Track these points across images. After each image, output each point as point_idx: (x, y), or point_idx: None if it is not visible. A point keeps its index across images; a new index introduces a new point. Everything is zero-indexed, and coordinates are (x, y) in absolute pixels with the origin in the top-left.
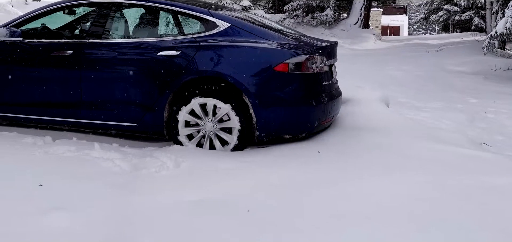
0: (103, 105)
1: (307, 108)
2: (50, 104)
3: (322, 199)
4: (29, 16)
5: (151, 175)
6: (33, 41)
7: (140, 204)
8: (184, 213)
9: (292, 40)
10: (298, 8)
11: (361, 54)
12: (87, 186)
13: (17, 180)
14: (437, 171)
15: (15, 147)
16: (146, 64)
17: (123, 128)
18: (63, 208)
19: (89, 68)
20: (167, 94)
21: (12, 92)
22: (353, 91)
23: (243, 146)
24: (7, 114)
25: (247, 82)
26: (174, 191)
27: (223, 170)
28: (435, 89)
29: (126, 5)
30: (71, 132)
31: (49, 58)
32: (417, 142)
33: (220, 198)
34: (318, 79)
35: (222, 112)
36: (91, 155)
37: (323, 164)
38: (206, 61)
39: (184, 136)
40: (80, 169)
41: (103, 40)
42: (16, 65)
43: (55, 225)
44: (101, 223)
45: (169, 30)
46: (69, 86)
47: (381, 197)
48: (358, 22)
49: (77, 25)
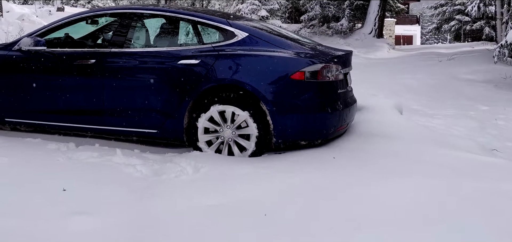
0: (125, 113)
1: (323, 116)
2: (73, 112)
3: (338, 203)
4: (53, 26)
5: (171, 180)
6: (57, 50)
7: (160, 208)
8: (203, 217)
9: (308, 49)
10: (314, 18)
11: (375, 63)
12: (109, 191)
13: (41, 185)
14: (449, 176)
15: (39, 153)
16: (166, 72)
17: (144, 134)
18: (86, 212)
19: (111, 77)
20: (187, 101)
21: (36, 100)
22: (367, 99)
23: (261, 152)
24: (31, 121)
25: (264, 90)
26: (193, 195)
27: (241, 175)
28: (447, 97)
29: (147, 15)
30: (94, 138)
31: (73, 66)
32: (429, 148)
33: (238, 203)
34: (334, 87)
35: (240, 119)
36: (113, 160)
37: (339, 169)
38: (225, 69)
39: (203, 142)
40: (102, 174)
41: (125, 49)
42: (40, 74)
43: (78, 229)
44: (123, 227)
45: (189, 39)
46: (92, 94)
47: (395, 201)
48: (372, 32)
49: (100, 34)
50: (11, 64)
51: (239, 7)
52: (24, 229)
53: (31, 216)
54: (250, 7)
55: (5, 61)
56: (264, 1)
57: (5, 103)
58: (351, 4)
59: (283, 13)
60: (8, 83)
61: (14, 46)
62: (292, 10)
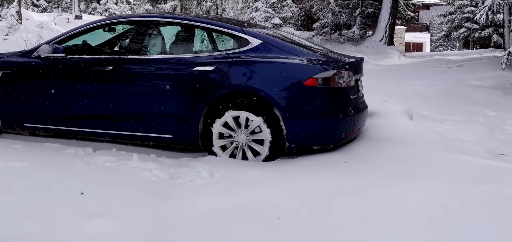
0: (141, 118)
1: (335, 121)
2: (91, 117)
3: (349, 207)
4: (71, 33)
5: (186, 184)
6: (75, 57)
7: (176, 212)
8: (218, 220)
9: (321, 56)
10: (326, 26)
11: (386, 70)
12: (126, 194)
13: (60, 188)
14: (458, 180)
15: (58, 157)
16: (182, 79)
17: (160, 139)
18: (103, 215)
19: (128, 83)
20: (202, 107)
21: (55, 105)
22: (378, 104)
23: (274, 157)
24: (50, 127)
25: (278, 96)
26: (208, 199)
27: (255, 179)
28: (456, 103)
29: (163, 23)
30: (111, 143)
31: (90, 73)
32: (439, 152)
33: (252, 206)
34: (345, 93)
35: (254, 124)
36: (130, 165)
37: (350, 173)
38: (239, 76)
39: (218, 147)
40: (119, 178)
41: (141, 56)
42: (58, 80)
43: (95, 231)
44: (139, 229)
45: (203, 46)
46: (109, 100)
47: (405, 204)
48: (383, 39)
49: (117, 42)
50: (30, 71)
51: (253, 15)
52: (42, 231)
53: (49, 218)
54: (263, 15)
55: (24, 68)
56: (277, 9)
57: (24, 109)
58: (362, 12)
59: (295, 21)
60: (27, 90)
61: (33, 53)
62: (305, 18)
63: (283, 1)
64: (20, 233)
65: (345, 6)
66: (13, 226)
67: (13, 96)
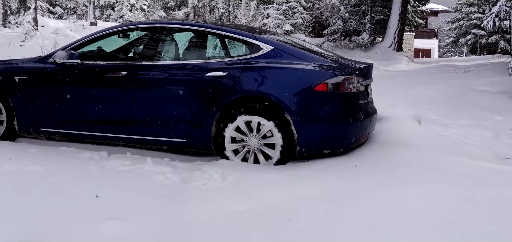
0: (155, 123)
1: (345, 125)
2: (105, 122)
3: (359, 209)
4: (86, 39)
5: (199, 187)
6: (90, 63)
7: (189, 215)
8: (230, 223)
9: (331, 62)
10: (336, 32)
11: (395, 75)
12: (140, 198)
13: (75, 192)
14: (465, 183)
15: (73, 161)
16: (195, 84)
17: (174, 143)
18: (118, 218)
19: (142, 88)
20: (215, 112)
21: (70, 110)
22: (387, 109)
23: (285, 160)
24: (65, 131)
25: (289, 101)
26: (221, 202)
27: (267, 183)
28: (463, 107)
29: (177, 29)
30: (125, 147)
31: (105, 78)
32: (446, 156)
33: (263, 209)
34: (355, 99)
35: (266, 129)
36: (144, 168)
37: (360, 177)
38: (251, 81)
39: (230, 151)
40: (133, 182)
41: (155, 62)
42: (74, 85)
43: (110, 234)
44: (153, 232)
45: (216, 52)
46: (124, 105)
47: (413, 207)
48: (392, 45)
49: (131, 48)
50: (46, 76)
51: (265, 21)
52: (58, 233)
53: (65, 221)
54: (275, 22)
55: (41, 73)
56: (288, 16)
57: (40, 114)
58: (371, 19)
59: (306, 27)
60: (43, 95)
61: (49, 59)
62: (315, 24)
63: (294, 8)
64: (36, 235)
65: (355, 13)
66: (29, 229)
67: (29, 101)
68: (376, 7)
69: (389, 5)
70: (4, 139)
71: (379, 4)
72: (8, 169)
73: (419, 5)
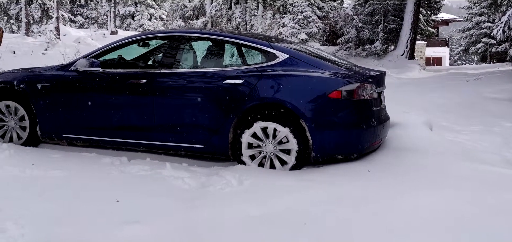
0: (174, 129)
1: (358, 132)
2: (125, 128)
3: (372, 213)
4: (107, 48)
5: (217, 191)
6: (111, 71)
7: (207, 218)
8: (247, 226)
9: (345, 69)
10: (350, 41)
11: (407, 83)
12: (159, 202)
13: (96, 196)
14: (475, 188)
15: (94, 166)
16: (212, 91)
17: (192, 149)
18: (137, 221)
19: (161, 95)
20: (232, 118)
21: (91, 117)
22: (400, 116)
23: (301, 166)
24: (87, 137)
25: (304, 108)
26: (237, 206)
27: (283, 187)
28: (473, 114)
29: (195, 38)
30: (145, 152)
31: (125, 86)
32: (457, 161)
33: (279, 213)
34: (368, 105)
35: (282, 135)
36: (163, 173)
37: (373, 181)
38: (267, 89)
39: (247, 156)
40: (153, 186)
41: (174, 70)
42: (95, 93)
43: (130, 237)
44: (171, 235)
45: (233, 60)
46: (143, 112)
47: (425, 211)
48: (404, 53)
49: (150, 56)
50: (68, 84)
51: (280, 30)
52: (79, 236)
53: (86, 224)
54: (290, 31)
55: (63, 81)
56: (303, 25)
57: (62, 120)
58: (384, 28)
59: (321, 36)
60: (65, 102)
61: (71, 67)
62: (330, 33)
63: (309, 17)
64: (58, 239)
65: (368, 22)
66: (51, 232)
67: (51, 108)
68: (389, 16)
69: (401, 15)
70: (27, 145)
71: (391, 13)
72: (31, 174)
73: (431, 15)
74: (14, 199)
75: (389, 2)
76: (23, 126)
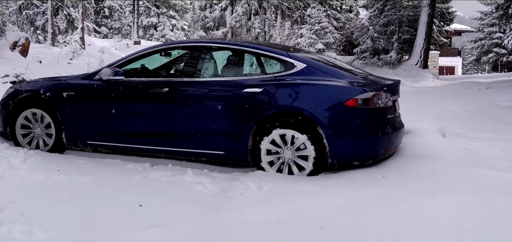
0: (195, 136)
1: (374, 139)
2: (148, 135)
3: (387, 217)
4: (130, 57)
5: (237, 196)
6: (134, 80)
7: (227, 222)
8: (266, 230)
9: (361, 78)
10: (365, 51)
11: (421, 91)
12: (181, 206)
13: (120, 201)
14: (487, 193)
15: (118, 172)
16: (232, 100)
17: (213, 155)
18: (160, 225)
19: (183, 103)
20: (251, 126)
21: (115, 124)
22: (414, 123)
23: (318, 171)
24: (111, 144)
25: (321, 116)
26: (257, 210)
27: (300, 192)
28: (485, 121)
29: (215, 48)
30: (167, 159)
31: (148, 94)
32: (469, 168)
33: (297, 217)
34: (383, 113)
35: (299, 142)
36: (184, 179)
37: (388, 187)
38: (285, 97)
39: (266, 162)
40: (175, 192)
41: (195, 78)
42: (118, 101)
43: (152, 240)
44: (192, 239)
45: (252, 70)
46: (165, 119)
47: (438, 215)
48: (418, 63)
49: (172, 65)
50: (93, 92)
51: (298, 40)
52: (103, 239)
53: (109, 228)
54: (308, 41)
55: (87, 89)
56: (320, 36)
57: (87, 127)
58: (399, 38)
59: (337, 46)
60: (89, 110)
61: (95, 76)
62: (346, 43)
63: (326, 28)
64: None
65: (383, 33)
66: (76, 236)
67: (77, 115)
68: (403, 27)
69: (415, 26)
70: (53, 151)
71: (406, 24)
72: (57, 179)
73: (444, 26)
74: (40, 204)
75: (403, 13)
76: (49, 133)
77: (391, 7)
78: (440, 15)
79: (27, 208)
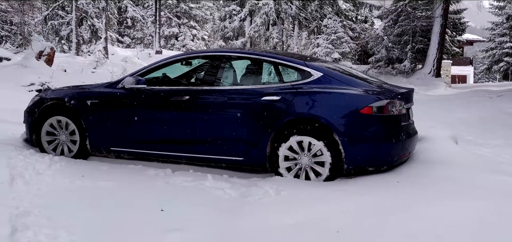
0: (215, 143)
1: (388, 145)
2: (170, 141)
3: (401, 221)
4: (152, 66)
5: (255, 201)
6: (156, 88)
7: (246, 226)
8: (284, 234)
9: (375, 87)
10: (380, 60)
11: (434, 99)
12: (201, 211)
13: (142, 205)
14: (498, 198)
15: (140, 177)
16: (251, 107)
17: (232, 161)
18: (181, 229)
19: (203, 111)
20: (269, 133)
21: (137, 131)
22: (427, 130)
23: (334, 177)
24: (133, 150)
25: (337, 123)
26: (275, 215)
27: (317, 197)
28: (496, 128)
29: (235, 57)
30: (187, 165)
31: (169, 102)
32: (481, 173)
33: (314, 221)
34: (398, 121)
35: (316, 148)
36: (205, 184)
37: (402, 192)
38: (302, 105)
39: (283, 168)
40: (195, 197)
41: (215, 87)
42: (141, 108)
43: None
44: (212, 241)
45: (270, 78)
46: (186, 126)
47: (450, 219)
48: (431, 72)
49: (193, 74)
50: (116, 100)
51: (315, 50)
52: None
53: (132, 232)
54: (324, 50)
55: (110, 97)
56: (336, 45)
57: (110, 134)
58: (412, 48)
59: (353, 55)
60: (112, 117)
61: (118, 84)
62: (361, 53)
63: (342, 38)
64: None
65: (397, 42)
66: (100, 238)
67: (100, 123)
68: (416, 37)
69: (428, 35)
70: (77, 158)
71: (419, 34)
72: (81, 185)
73: (456, 35)
74: (65, 209)
75: (417, 24)
76: (74, 139)
77: (405, 17)
78: (452, 25)
79: (52, 212)
